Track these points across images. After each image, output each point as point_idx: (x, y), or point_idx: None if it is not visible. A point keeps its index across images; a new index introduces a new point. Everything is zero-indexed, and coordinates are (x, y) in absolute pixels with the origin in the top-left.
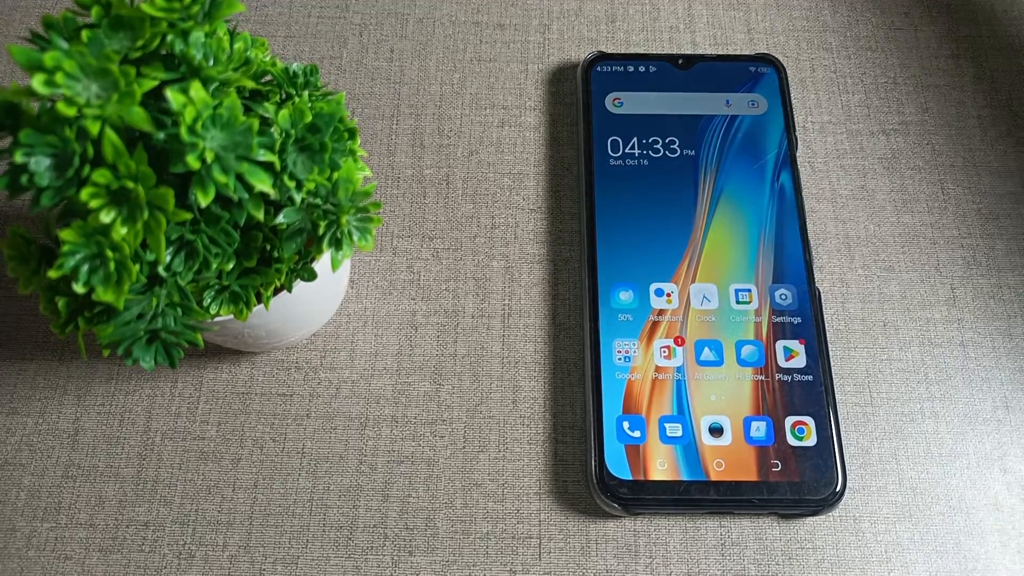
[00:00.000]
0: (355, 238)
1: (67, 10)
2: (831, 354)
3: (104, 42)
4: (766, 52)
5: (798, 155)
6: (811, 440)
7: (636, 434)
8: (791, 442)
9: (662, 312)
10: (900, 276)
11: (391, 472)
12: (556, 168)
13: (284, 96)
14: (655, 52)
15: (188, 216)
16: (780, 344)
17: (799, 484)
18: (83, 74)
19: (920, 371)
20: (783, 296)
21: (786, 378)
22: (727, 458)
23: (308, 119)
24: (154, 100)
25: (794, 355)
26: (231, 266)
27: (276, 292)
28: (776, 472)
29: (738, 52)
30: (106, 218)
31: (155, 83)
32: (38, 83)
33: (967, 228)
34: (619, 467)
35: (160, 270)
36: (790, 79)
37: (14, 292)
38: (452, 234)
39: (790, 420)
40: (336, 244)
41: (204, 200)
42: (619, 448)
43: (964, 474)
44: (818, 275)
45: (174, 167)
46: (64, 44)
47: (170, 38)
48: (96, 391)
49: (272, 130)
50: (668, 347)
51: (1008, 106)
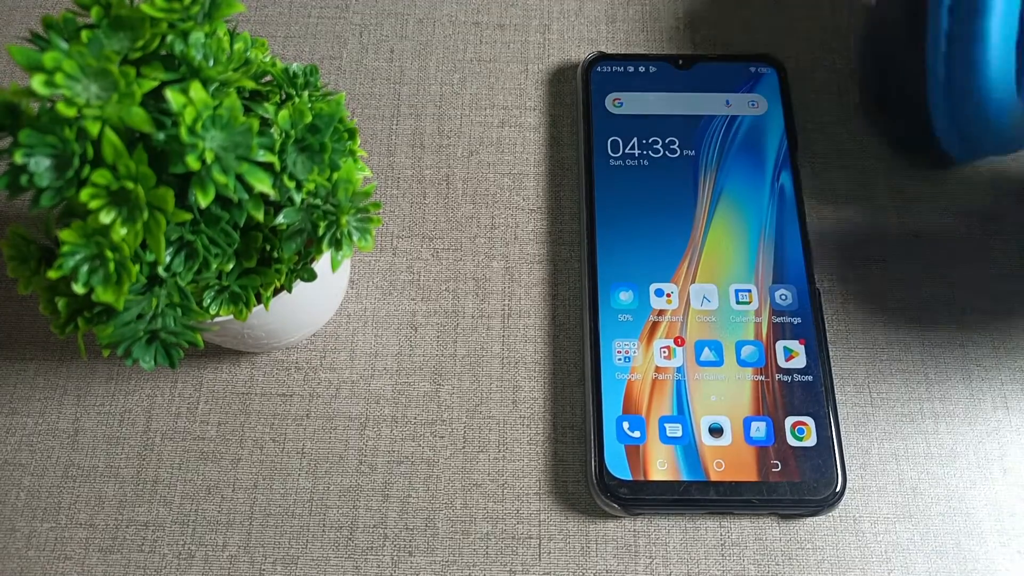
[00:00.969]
0: (355, 238)
1: (67, 10)
2: (831, 354)
3: (104, 42)
4: (766, 52)
5: (798, 155)
6: (811, 440)
7: (636, 434)
8: (791, 442)
9: (662, 312)
10: (900, 276)
11: (391, 472)
12: (556, 168)
13: (284, 96)
14: (655, 52)
15: (188, 216)
16: (780, 344)
17: (799, 484)
18: (83, 74)
19: (920, 371)
20: (783, 296)
21: (786, 378)
22: (727, 458)
23: (308, 119)
24: (154, 101)
25: (794, 355)
26: (231, 266)
27: (276, 292)
28: (776, 472)
29: (738, 52)
30: (106, 219)
31: (155, 84)
32: (38, 83)
33: (967, 228)
34: (619, 467)
35: (160, 270)
36: (790, 79)
37: (14, 292)
38: (452, 234)
39: (790, 420)
40: (336, 244)
41: (204, 201)
42: (619, 448)
43: (964, 474)
44: (818, 275)
45: (174, 167)
46: (64, 44)
47: (170, 38)
48: (96, 391)
49: (272, 130)
50: (668, 347)
51: None
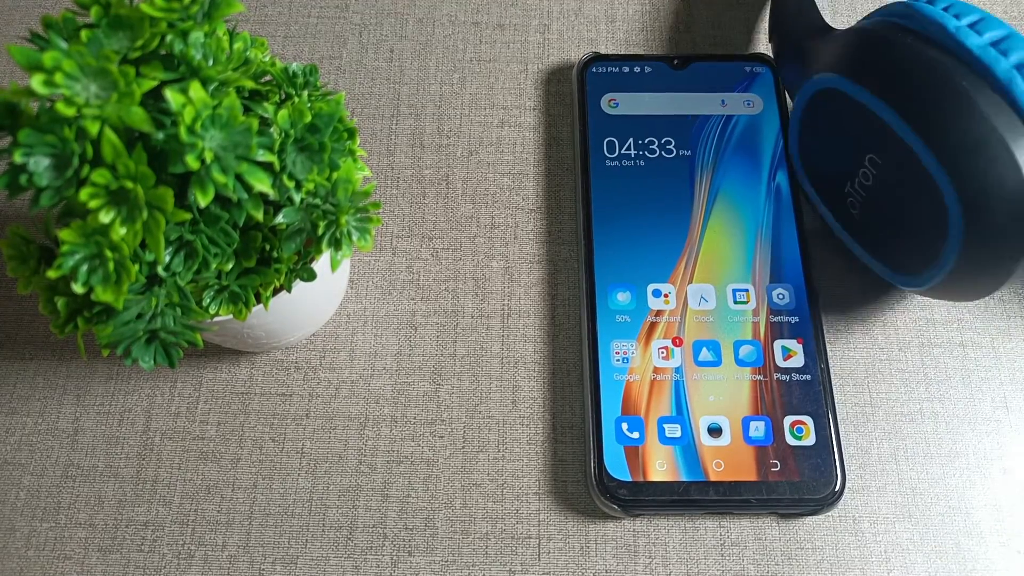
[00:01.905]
0: (354, 238)
1: (67, 10)
2: (830, 353)
3: (103, 42)
4: (761, 52)
5: None
6: (810, 439)
7: (635, 435)
8: (790, 442)
9: (660, 313)
10: None
11: (390, 472)
12: (556, 168)
13: (283, 96)
14: (653, 52)
15: (187, 216)
16: (778, 344)
17: (798, 484)
18: (82, 74)
19: (920, 371)
20: (780, 296)
21: (784, 377)
22: (726, 458)
23: (307, 119)
24: (153, 100)
25: (792, 354)
26: (230, 266)
27: (275, 292)
28: (775, 472)
29: (738, 52)
30: (105, 218)
31: (154, 83)
32: (37, 83)
33: None
34: (618, 468)
35: (159, 270)
36: None
37: (14, 292)
38: (451, 234)
39: (789, 420)
40: (335, 244)
41: (203, 200)
42: (618, 449)
43: (964, 474)
44: (815, 274)
45: (173, 167)
46: (63, 44)
47: (169, 38)
48: (95, 391)
49: (271, 130)
50: (666, 348)
51: None
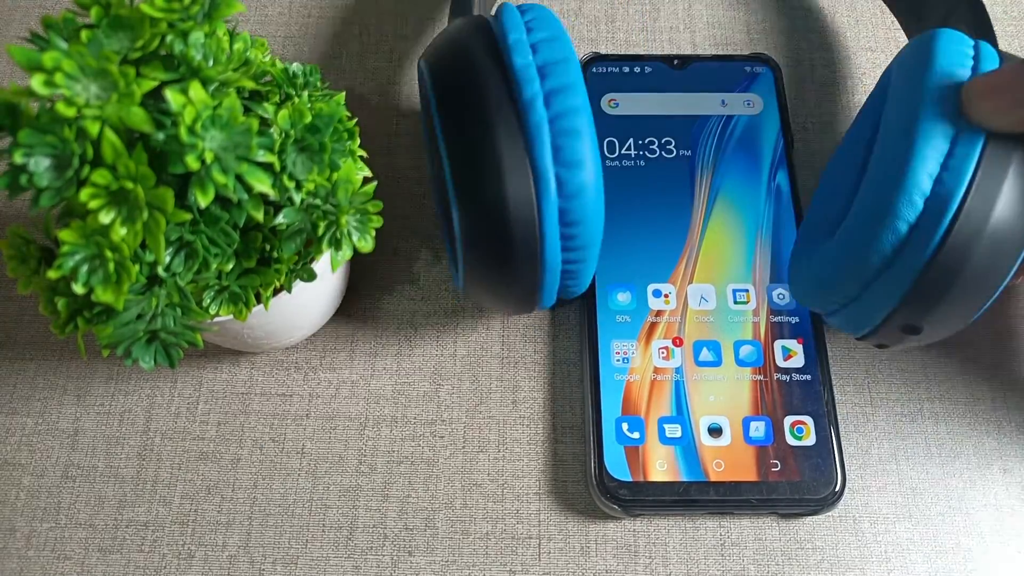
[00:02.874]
0: (354, 238)
1: (67, 10)
2: (830, 354)
3: (104, 42)
4: (761, 52)
5: (795, 154)
6: (810, 439)
7: (635, 435)
8: (790, 442)
9: (660, 313)
10: None
11: (391, 472)
12: None
13: (284, 96)
14: (654, 52)
15: (187, 216)
16: (778, 344)
17: (798, 484)
18: (82, 74)
19: (920, 371)
20: (780, 296)
21: (784, 378)
22: (726, 458)
23: (308, 119)
24: (153, 101)
25: (792, 355)
26: (231, 266)
27: (276, 292)
28: (775, 472)
29: (738, 52)
30: (105, 218)
31: (154, 83)
32: (37, 83)
33: None
34: (619, 468)
35: (159, 270)
36: (790, 79)
37: (14, 292)
38: None
39: (789, 420)
40: (335, 244)
41: (204, 201)
42: (618, 449)
43: (964, 474)
44: None
45: (173, 167)
46: (63, 44)
47: (170, 38)
48: (96, 391)
49: (272, 130)
50: (666, 348)
51: None
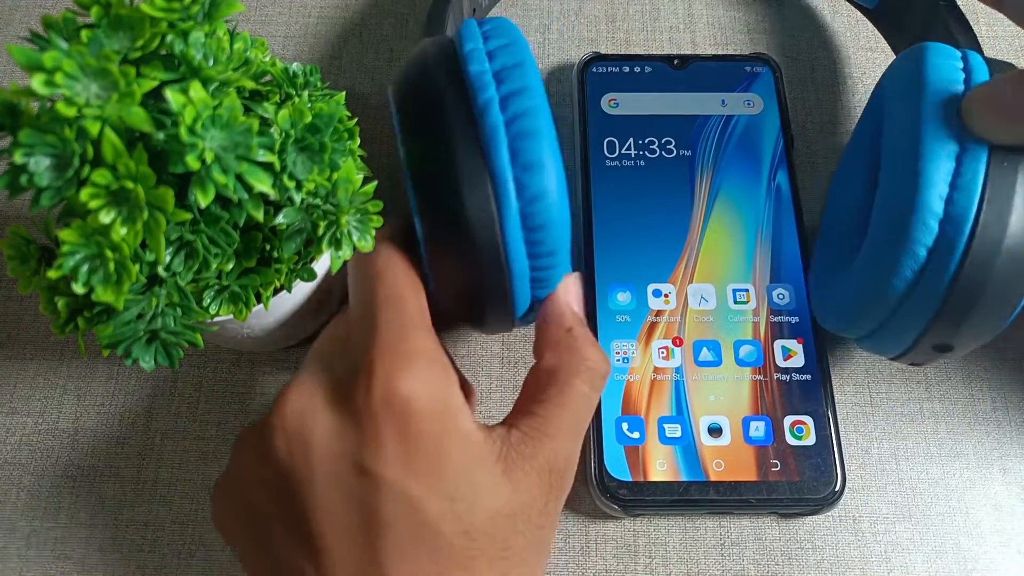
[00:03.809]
0: (354, 238)
1: (67, 10)
2: (831, 353)
3: (104, 42)
4: (761, 51)
5: (795, 154)
6: (810, 439)
7: (635, 435)
8: (790, 441)
9: (660, 313)
10: None
11: None
12: None
13: (284, 96)
14: (653, 52)
15: (188, 216)
16: (778, 343)
17: (799, 483)
18: (83, 74)
19: (920, 371)
20: (780, 296)
21: (784, 377)
22: (726, 458)
23: (308, 119)
24: (154, 100)
25: (792, 354)
26: (231, 266)
27: (276, 292)
28: (775, 472)
29: (738, 52)
30: (106, 218)
31: (155, 83)
32: (38, 83)
33: None
34: (619, 468)
35: (160, 270)
36: (790, 79)
37: (14, 292)
38: None
39: (789, 419)
40: (335, 244)
41: (204, 200)
42: (618, 449)
43: (964, 474)
44: None
45: (174, 167)
46: (64, 44)
47: (170, 38)
48: (96, 391)
49: (272, 130)
50: (666, 348)
51: None
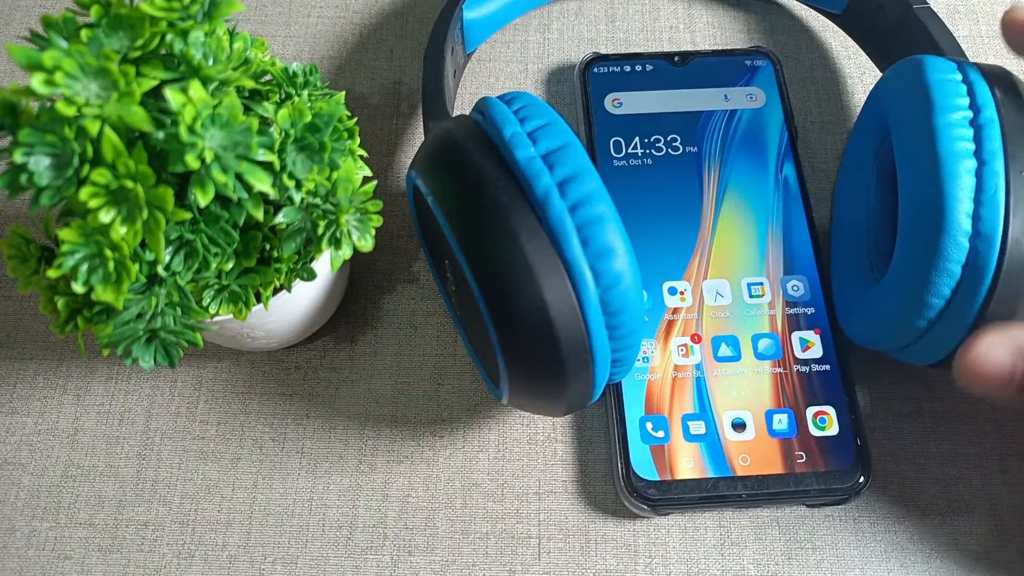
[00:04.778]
0: (354, 238)
1: (67, 10)
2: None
3: (104, 42)
4: (760, 45)
5: (799, 147)
6: (833, 429)
7: (660, 434)
8: (814, 432)
9: (677, 310)
10: None
11: (391, 472)
12: None
13: (284, 96)
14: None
15: (187, 216)
16: (796, 335)
17: (825, 474)
18: (82, 74)
19: (920, 371)
20: (795, 287)
21: (804, 369)
22: (752, 452)
23: (307, 119)
24: (153, 100)
25: (810, 345)
26: (230, 266)
27: (276, 292)
28: (801, 463)
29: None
30: (105, 218)
31: (154, 83)
32: (38, 83)
33: None
34: (646, 468)
35: (159, 270)
36: (790, 79)
37: (14, 292)
38: None
39: (811, 410)
40: (335, 244)
41: (203, 200)
42: (644, 449)
43: (964, 474)
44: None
45: (173, 167)
46: (64, 44)
47: (169, 38)
48: (96, 391)
49: (271, 130)
50: (685, 345)
51: None
